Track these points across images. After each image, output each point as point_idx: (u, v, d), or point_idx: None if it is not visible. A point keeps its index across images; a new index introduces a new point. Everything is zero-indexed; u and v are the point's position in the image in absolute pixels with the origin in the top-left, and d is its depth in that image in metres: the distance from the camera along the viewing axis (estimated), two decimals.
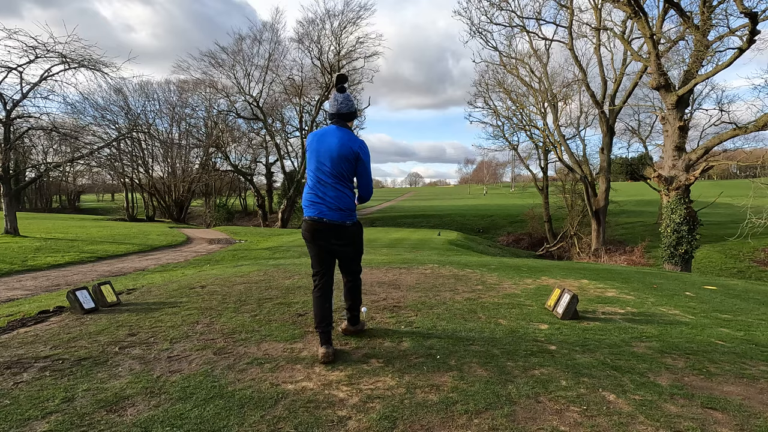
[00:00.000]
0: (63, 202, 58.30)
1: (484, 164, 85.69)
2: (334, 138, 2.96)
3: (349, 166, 2.94)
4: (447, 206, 52.71)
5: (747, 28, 12.62)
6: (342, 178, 2.94)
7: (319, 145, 2.98)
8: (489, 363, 2.79)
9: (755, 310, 4.70)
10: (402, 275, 6.23)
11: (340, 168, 2.92)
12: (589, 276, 6.57)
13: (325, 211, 2.92)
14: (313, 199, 2.96)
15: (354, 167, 2.97)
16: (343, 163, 2.91)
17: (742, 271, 19.29)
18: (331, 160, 2.91)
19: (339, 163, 2.91)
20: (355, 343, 3.17)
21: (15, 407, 2.17)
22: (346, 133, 3.00)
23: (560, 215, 32.67)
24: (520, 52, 33.33)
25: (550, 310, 4.16)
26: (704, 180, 59.26)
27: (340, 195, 2.92)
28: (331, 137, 2.97)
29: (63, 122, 17.45)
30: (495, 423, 2.03)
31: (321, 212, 2.92)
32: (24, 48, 13.30)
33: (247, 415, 2.10)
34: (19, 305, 5.06)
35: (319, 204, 2.93)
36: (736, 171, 70.81)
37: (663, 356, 2.97)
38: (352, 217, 3.00)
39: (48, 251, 11.37)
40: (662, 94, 15.04)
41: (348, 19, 34.31)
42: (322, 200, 2.92)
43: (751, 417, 2.12)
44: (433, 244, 16.48)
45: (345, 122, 3.07)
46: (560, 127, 27.97)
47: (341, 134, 2.98)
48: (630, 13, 15.71)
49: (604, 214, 25.08)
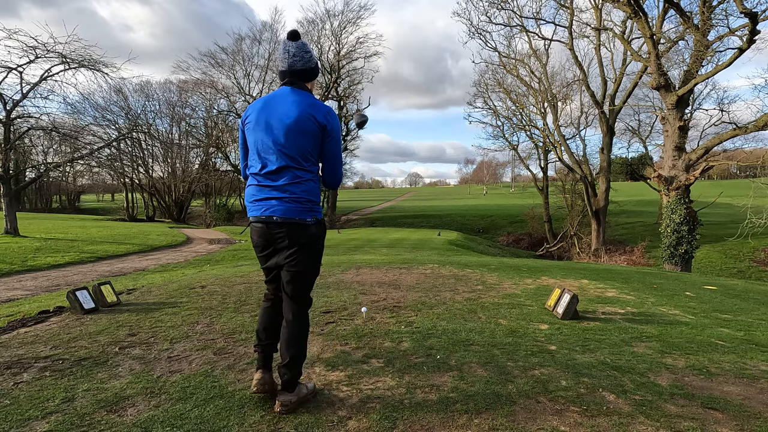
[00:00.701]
0: (63, 202, 58.31)
1: (484, 164, 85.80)
2: (288, 104, 2.13)
3: (312, 142, 2.14)
4: (447, 206, 52.71)
5: (747, 28, 12.62)
6: (301, 160, 2.13)
7: (266, 115, 2.15)
8: (489, 363, 2.78)
9: (755, 310, 4.70)
10: (402, 275, 6.22)
11: (299, 145, 2.10)
12: (589, 276, 6.57)
13: (276, 205, 2.11)
14: (258, 194, 2.17)
15: (319, 144, 2.18)
16: (303, 139, 2.10)
17: (742, 271, 19.29)
18: (285, 135, 2.09)
19: (297, 138, 2.09)
20: (355, 343, 3.17)
21: (15, 407, 2.17)
22: (305, 97, 2.17)
23: (560, 215, 32.67)
24: (519, 53, 33.44)
25: (550, 310, 4.16)
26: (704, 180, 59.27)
27: (298, 182, 2.13)
28: (284, 103, 2.14)
29: (63, 122, 17.44)
30: (495, 423, 2.03)
31: (271, 208, 2.12)
32: (24, 48, 13.31)
33: (247, 415, 2.10)
34: (19, 305, 5.06)
35: (268, 197, 2.13)
36: (736, 171, 70.82)
37: (663, 356, 2.97)
38: (316, 212, 2.19)
39: (48, 251, 11.37)
40: (662, 94, 15.04)
41: (348, 20, 34.38)
42: (271, 191, 2.13)
43: (751, 417, 2.12)
44: (433, 244, 16.47)
45: (302, 82, 2.24)
46: (560, 127, 27.99)
47: (299, 99, 2.15)
48: (630, 13, 15.71)
49: (604, 214, 25.08)
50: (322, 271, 6.52)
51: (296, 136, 2.10)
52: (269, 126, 2.13)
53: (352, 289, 5.13)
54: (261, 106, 2.19)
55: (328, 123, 2.17)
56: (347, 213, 47.11)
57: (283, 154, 2.11)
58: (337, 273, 6.37)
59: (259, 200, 2.17)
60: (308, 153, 2.15)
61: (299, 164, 2.13)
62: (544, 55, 28.13)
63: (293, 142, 2.11)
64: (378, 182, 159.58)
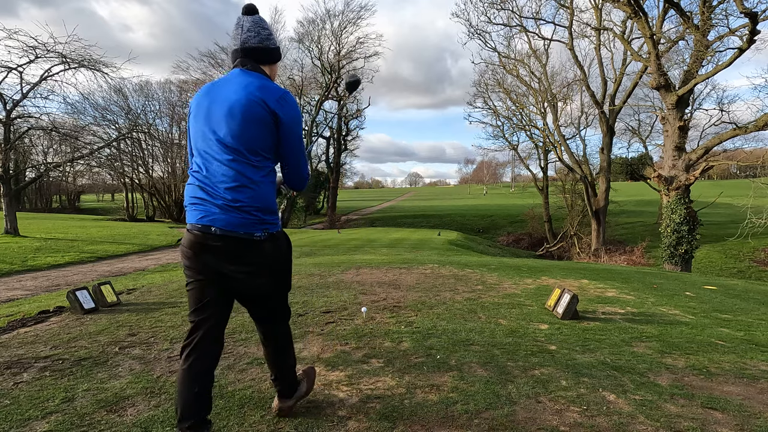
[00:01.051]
0: (63, 202, 58.29)
1: (484, 164, 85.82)
2: (233, 86, 1.78)
3: (263, 133, 1.75)
4: (447, 206, 52.71)
5: (747, 28, 12.62)
6: (249, 155, 1.74)
7: (208, 101, 1.80)
8: (489, 363, 2.78)
9: (755, 310, 4.70)
10: (402, 275, 6.22)
11: (247, 137, 1.73)
12: (589, 276, 6.57)
13: (217, 213, 1.72)
14: (196, 195, 1.77)
15: (273, 137, 1.79)
16: (252, 129, 1.73)
17: (742, 271, 19.29)
18: (229, 125, 1.73)
19: (244, 128, 1.72)
20: (355, 343, 3.17)
21: (15, 407, 2.17)
22: (257, 79, 1.80)
23: (560, 215, 32.67)
24: (519, 53, 33.43)
25: (550, 310, 4.16)
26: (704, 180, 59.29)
27: (245, 184, 1.73)
28: (231, 87, 1.78)
29: (63, 122, 17.43)
30: (495, 423, 2.03)
31: (209, 215, 1.72)
32: (24, 48, 13.31)
33: (247, 415, 2.10)
34: (19, 305, 5.06)
35: (207, 201, 1.74)
36: (736, 171, 70.82)
37: (663, 356, 2.97)
38: (271, 224, 1.81)
39: (48, 251, 11.37)
40: (662, 94, 15.04)
41: (348, 20, 34.35)
42: (211, 195, 1.73)
43: (751, 417, 2.12)
44: (433, 244, 16.47)
45: (257, 63, 1.86)
46: (560, 127, 27.99)
47: (248, 80, 1.78)
48: (630, 13, 15.71)
49: (604, 214, 25.08)
50: (322, 271, 6.51)
51: (241, 125, 1.72)
52: (210, 113, 1.78)
53: (352, 289, 5.13)
54: (205, 91, 1.84)
55: (280, 110, 1.75)
56: (347, 213, 47.12)
57: (224, 148, 1.73)
58: (337, 273, 6.37)
59: (197, 203, 1.76)
60: (258, 146, 1.75)
61: (246, 160, 1.73)
62: (543, 55, 28.15)
63: (237, 133, 1.72)
64: (378, 182, 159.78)
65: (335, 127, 39.17)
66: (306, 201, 42.23)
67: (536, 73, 28.72)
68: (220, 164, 1.73)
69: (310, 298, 4.64)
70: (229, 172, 1.72)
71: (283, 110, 1.77)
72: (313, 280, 5.78)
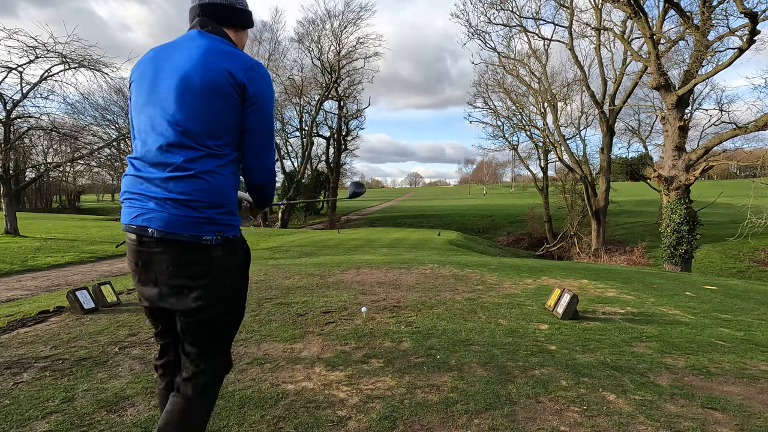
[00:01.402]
0: (63, 202, 58.30)
1: (484, 164, 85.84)
2: (189, 53, 1.38)
3: (226, 112, 1.37)
4: (447, 206, 52.71)
5: (747, 28, 12.62)
6: (207, 139, 1.36)
7: (154, 68, 1.42)
8: (489, 363, 2.78)
9: (755, 310, 4.70)
10: (402, 275, 6.22)
11: (205, 116, 1.35)
12: (589, 276, 6.57)
13: (156, 210, 1.35)
14: (132, 188, 1.41)
15: (236, 115, 1.39)
16: (213, 106, 1.35)
17: (742, 271, 19.29)
18: (181, 100, 1.34)
19: (201, 105, 1.34)
20: (355, 343, 3.17)
21: (15, 407, 2.17)
22: (220, 43, 1.42)
23: (560, 215, 32.67)
24: (519, 53, 33.41)
25: (550, 310, 4.16)
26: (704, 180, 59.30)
27: (195, 173, 1.34)
28: (184, 52, 1.39)
29: (63, 122, 17.42)
30: (495, 423, 2.03)
31: (146, 213, 1.36)
32: (24, 48, 13.31)
33: (247, 415, 2.10)
34: (19, 305, 5.06)
35: (144, 196, 1.37)
36: (736, 171, 70.82)
37: (663, 356, 2.97)
38: (226, 225, 1.41)
39: (48, 251, 11.37)
40: (662, 94, 15.04)
41: (348, 20, 34.42)
42: (151, 186, 1.36)
43: (751, 417, 2.12)
44: (433, 244, 16.47)
45: (219, 25, 1.48)
46: (560, 127, 28.02)
47: (209, 45, 1.39)
48: (630, 13, 15.72)
49: (604, 214, 25.09)
50: (322, 271, 6.50)
51: (197, 101, 1.33)
52: (155, 86, 1.39)
53: (352, 289, 5.13)
54: (149, 57, 1.46)
55: (250, 84, 1.38)
56: (347, 213, 47.12)
57: (172, 129, 1.34)
58: (337, 273, 6.36)
59: (133, 198, 1.39)
60: (218, 128, 1.36)
61: (200, 145, 1.34)
62: (543, 55, 28.18)
63: (192, 111, 1.33)
64: (378, 182, 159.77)
65: (335, 127, 39.20)
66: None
67: (536, 73, 28.76)
68: (165, 149, 1.35)
69: (310, 298, 4.64)
70: (175, 159, 1.34)
71: (253, 84, 1.39)
72: (313, 280, 5.78)
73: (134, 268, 1.46)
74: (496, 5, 25.42)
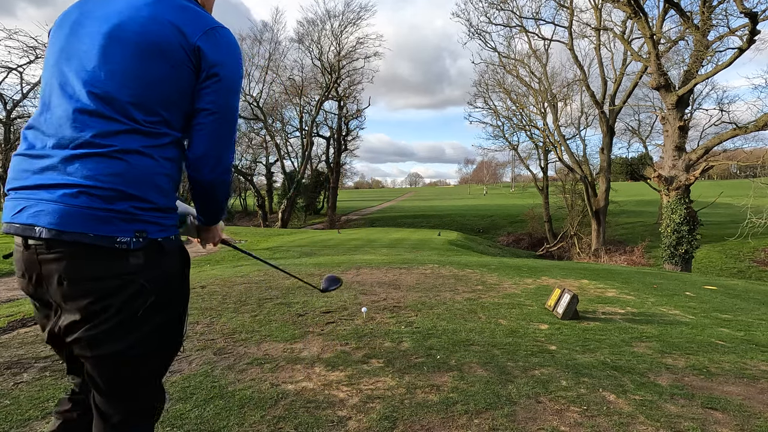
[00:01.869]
0: None
1: (484, 164, 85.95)
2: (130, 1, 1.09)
3: (165, 78, 1.06)
4: (447, 206, 52.71)
5: (747, 28, 12.63)
6: (135, 112, 1.04)
7: (77, 15, 1.11)
8: (489, 363, 2.78)
9: (755, 310, 4.70)
10: (402, 275, 6.23)
11: (132, 78, 1.04)
12: (589, 276, 6.58)
13: (45, 200, 1.00)
14: (21, 176, 1.06)
15: (183, 86, 1.09)
16: (146, 65, 1.04)
17: (742, 271, 19.28)
18: (106, 56, 1.04)
19: (130, 61, 1.04)
20: (355, 343, 3.17)
21: (15, 407, 2.17)
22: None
23: (560, 215, 32.67)
24: (519, 53, 33.50)
25: (550, 310, 4.16)
26: (704, 180, 59.29)
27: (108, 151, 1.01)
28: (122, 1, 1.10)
29: None
30: (495, 423, 2.03)
31: (34, 205, 1.01)
32: (24, 48, 13.34)
33: (247, 415, 2.10)
34: (20, 305, 5.06)
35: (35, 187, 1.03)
36: (736, 171, 70.84)
37: (663, 356, 2.97)
38: (152, 223, 1.08)
39: None
40: (662, 94, 15.04)
41: (348, 20, 34.44)
42: (47, 171, 1.02)
43: (751, 417, 2.12)
44: (433, 244, 16.47)
45: None
46: (560, 127, 28.04)
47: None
48: (630, 13, 15.72)
49: (604, 214, 25.09)
50: (322, 271, 6.50)
51: (128, 57, 1.02)
52: (77, 31, 1.07)
53: (352, 289, 5.13)
54: (74, 6, 1.14)
55: (209, 49, 1.07)
56: (347, 213, 47.12)
57: (87, 91, 1.02)
58: (337, 273, 6.37)
59: (19, 188, 1.04)
60: (151, 98, 1.04)
61: (123, 117, 1.02)
62: (544, 55, 28.20)
63: (119, 68, 1.02)
64: (378, 182, 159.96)
65: (335, 127, 39.21)
66: (306, 201, 42.23)
67: (536, 73, 28.78)
68: (73, 118, 1.01)
69: (310, 298, 4.64)
70: (83, 133, 1.00)
71: (213, 50, 1.08)
72: (313, 280, 5.78)
73: (22, 283, 1.08)
74: (496, 5, 25.46)
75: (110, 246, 1.00)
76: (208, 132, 1.12)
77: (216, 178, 1.17)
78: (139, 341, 1.07)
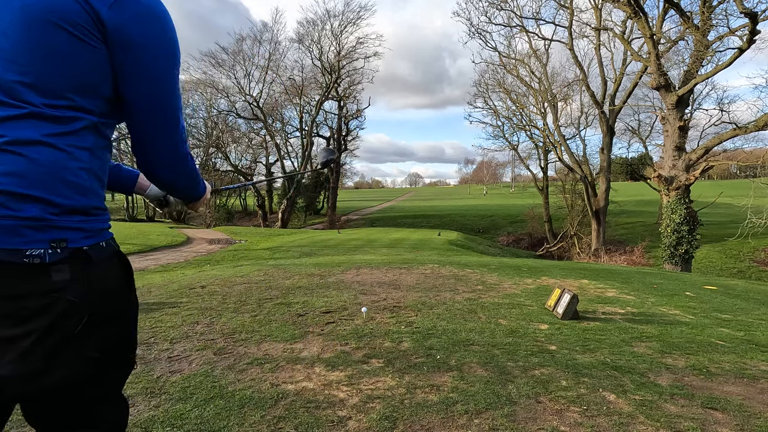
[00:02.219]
0: None
1: (484, 164, 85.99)
2: None
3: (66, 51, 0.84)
4: (447, 206, 52.71)
5: (747, 28, 12.63)
6: (17, 89, 0.83)
7: None
8: (489, 363, 2.78)
9: (755, 310, 4.70)
10: (402, 275, 6.23)
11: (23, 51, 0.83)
12: (589, 276, 6.58)
13: None
14: None
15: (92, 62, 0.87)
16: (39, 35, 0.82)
17: (742, 271, 19.28)
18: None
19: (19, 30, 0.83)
20: (355, 343, 3.17)
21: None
22: None
23: (560, 215, 32.67)
24: (519, 53, 33.48)
25: (550, 310, 4.16)
26: (704, 180, 59.29)
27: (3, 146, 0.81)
28: None
29: None
30: (495, 423, 2.03)
31: None
32: None
33: (247, 415, 2.10)
34: None
35: None
36: (736, 171, 70.82)
37: (663, 356, 2.97)
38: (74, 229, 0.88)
39: None
40: (662, 94, 15.05)
41: (348, 20, 34.45)
42: None
43: (751, 417, 2.12)
44: (433, 244, 16.47)
45: None
46: (560, 127, 28.05)
47: None
48: (630, 13, 15.73)
49: (604, 214, 25.09)
50: (322, 271, 6.50)
51: (17, 25, 0.84)
52: None
53: (352, 289, 5.13)
54: None
55: (120, 16, 0.87)
56: (347, 213, 47.13)
57: None
58: (337, 273, 6.36)
59: None
60: (52, 77, 0.85)
61: (15, 100, 0.84)
62: (544, 55, 28.20)
63: (3, 40, 0.84)
64: (378, 182, 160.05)
65: (335, 127, 39.21)
66: (306, 201, 42.24)
67: (536, 73, 28.78)
68: None
69: (310, 298, 4.64)
70: None
71: (128, 20, 0.88)
72: (313, 280, 5.78)
73: None
74: (496, 5, 25.46)
75: (20, 261, 0.81)
76: (141, 135, 0.97)
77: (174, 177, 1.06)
78: (80, 367, 0.91)
